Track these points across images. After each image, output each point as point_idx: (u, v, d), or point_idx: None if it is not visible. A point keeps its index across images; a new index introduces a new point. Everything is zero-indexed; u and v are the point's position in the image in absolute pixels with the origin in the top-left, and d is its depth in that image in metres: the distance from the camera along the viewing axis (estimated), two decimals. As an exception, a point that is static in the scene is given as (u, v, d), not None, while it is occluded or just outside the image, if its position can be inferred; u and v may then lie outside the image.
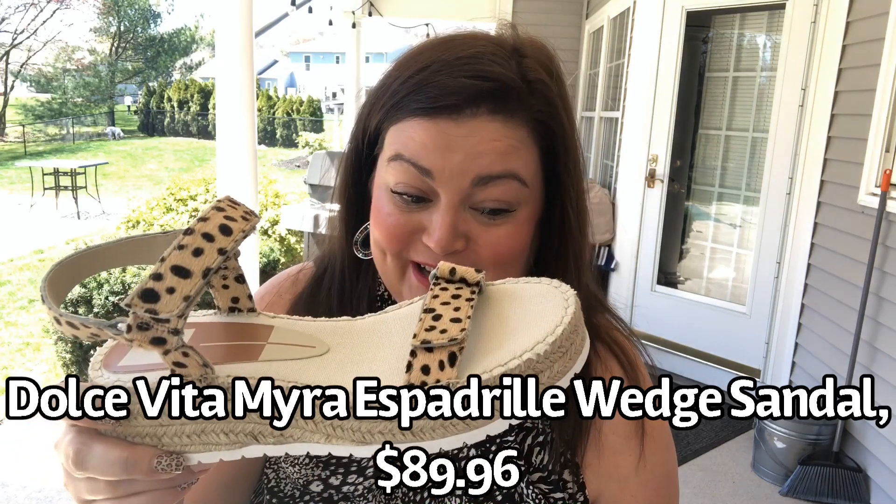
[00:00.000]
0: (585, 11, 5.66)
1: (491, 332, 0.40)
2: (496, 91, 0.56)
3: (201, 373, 0.38)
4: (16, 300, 5.84)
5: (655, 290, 4.01)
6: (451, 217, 0.57)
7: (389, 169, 0.59)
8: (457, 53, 0.58)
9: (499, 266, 0.59)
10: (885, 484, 2.52)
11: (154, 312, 0.35)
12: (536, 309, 0.40)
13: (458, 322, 0.38)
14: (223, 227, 0.39)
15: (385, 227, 0.59)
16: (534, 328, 0.39)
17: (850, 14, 2.89)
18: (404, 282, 0.62)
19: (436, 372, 0.37)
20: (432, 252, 0.57)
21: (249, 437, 0.39)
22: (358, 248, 0.67)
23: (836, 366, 2.88)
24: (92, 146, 21.32)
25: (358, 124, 0.65)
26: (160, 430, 0.40)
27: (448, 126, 0.56)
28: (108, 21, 30.87)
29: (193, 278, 0.36)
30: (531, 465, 0.65)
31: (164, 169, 16.64)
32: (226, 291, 0.46)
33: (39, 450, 3.01)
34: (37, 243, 8.04)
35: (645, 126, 3.92)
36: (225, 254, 0.37)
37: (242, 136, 2.75)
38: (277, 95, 25.26)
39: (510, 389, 0.37)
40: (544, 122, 0.59)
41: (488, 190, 0.57)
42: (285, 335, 0.43)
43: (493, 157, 0.56)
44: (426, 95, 0.56)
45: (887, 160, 2.59)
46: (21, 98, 28.50)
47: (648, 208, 3.98)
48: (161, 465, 0.40)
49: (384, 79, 0.62)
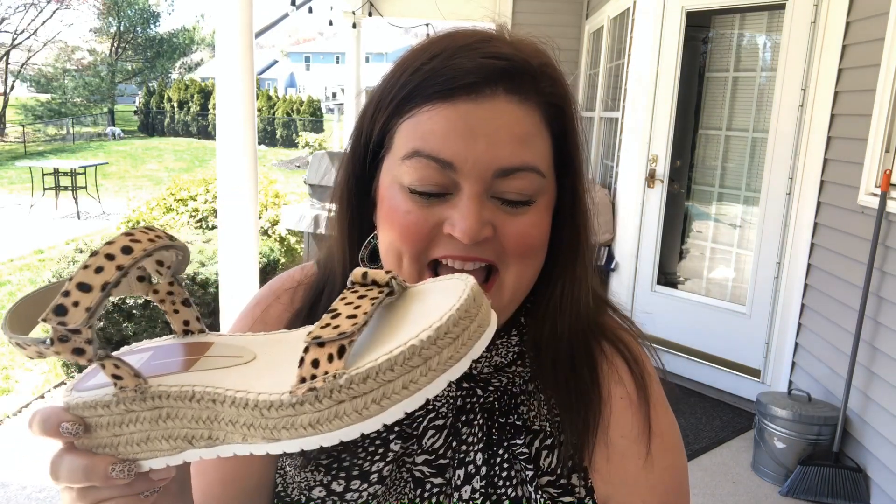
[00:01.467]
0: (585, 11, 5.66)
1: (391, 327, 0.41)
2: (511, 70, 0.56)
3: (136, 383, 0.43)
4: (16, 300, 5.83)
5: (655, 290, 4.01)
6: (477, 205, 0.56)
7: (404, 167, 0.57)
8: (467, 38, 0.58)
9: (525, 256, 0.59)
10: (885, 484, 2.52)
11: (64, 324, 0.40)
12: (435, 301, 0.42)
13: (353, 318, 0.40)
14: (125, 248, 0.43)
15: (405, 226, 0.58)
16: (425, 318, 0.40)
17: (850, 14, 2.89)
18: None
19: (324, 364, 0.38)
20: (457, 244, 0.57)
21: (185, 441, 0.43)
22: (366, 264, 0.65)
23: (836, 366, 2.88)
24: (92, 146, 21.32)
25: (359, 129, 0.63)
26: (115, 440, 0.45)
27: (468, 108, 0.55)
28: (108, 21, 30.87)
29: (94, 292, 0.40)
30: (539, 468, 0.64)
31: (164, 169, 16.63)
32: (177, 315, 0.51)
33: (39, 450, 3.01)
34: (37, 243, 8.04)
35: (645, 126, 3.92)
36: (123, 269, 0.41)
37: (242, 136, 2.75)
38: (277, 95, 25.27)
39: (399, 376, 0.38)
40: (556, 104, 0.59)
41: (509, 182, 0.56)
42: (221, 349, 0.48)
43: (513, 147, 0.56)
44: (443, 78, 0.56)
45: (887, 160, 2.59)
46: (21, 98, 28.49)
47: (648, 208, 3.98)
48: (115, 472, 0.44)
49: (388, 78, 0.61)
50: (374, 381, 0.38)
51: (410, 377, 0.38)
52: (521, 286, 0.61)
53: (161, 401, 0.43)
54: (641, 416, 0.66)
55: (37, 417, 0.45)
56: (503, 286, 0.59)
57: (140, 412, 0.44)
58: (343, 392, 0.38)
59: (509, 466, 0.64)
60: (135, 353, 0.50)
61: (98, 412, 0.45)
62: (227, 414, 0.41)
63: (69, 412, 0.46)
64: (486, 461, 0.64)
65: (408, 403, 0.38)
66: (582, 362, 0.66)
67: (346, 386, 0.38)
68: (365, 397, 0.38)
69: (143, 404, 0.44)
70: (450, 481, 0.64)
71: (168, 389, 0.43)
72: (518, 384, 0.67)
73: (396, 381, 0.38)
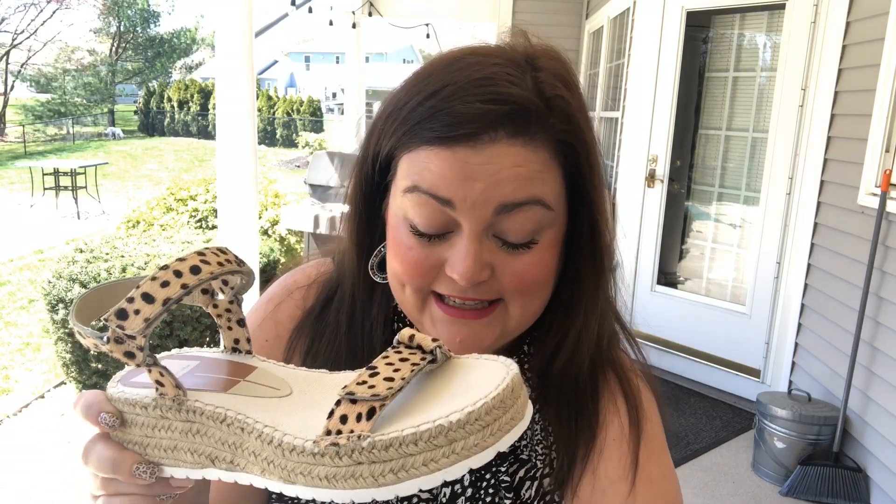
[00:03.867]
0: (585, 11, 5.66)
1: (426, 396, 0.41)
2: (514, 113, 0.53)
3: (175, 393, 0.45)
4: (16, 300, 5.83)
5: (655, 290, 4.01)
6: (475, 247, 0.54)
7: (406, 201, 0.56)
8: (469, 76, 0.54)
9: (526, 294, 0.57)
10: (885, 484, 2.52)
11: (122, 328, 0.42)
12: (475, 380, 0.41)
13: (391, 381, 0.40)
14: (193, 268, 0.44)
15: (406, 261, 0.57)
16: (460, 397, 0.39)
17: (850, 14, 2.89)
18: (425, 313, 0.60)
19: (352, 423, 0.39)
20: (457, 283, 0.56)
21: (208, 459, 0.44)
22: (375, 272, 0.64)
23: (836, 366, 2.88)
24: (92, 146, 21.32)
25: (367, 147, 0.61)
26: (145, 441, 0.47)
27: (466, 154, 0.53)
28: (108, 21, 30.87)
29: (155, 304, 0.42)
30: (519, 498, 0.64)
31: (164, 169, 16.64)
32: (230, 333, 0.52)
33: (38, 450, 3.01)
34: (37, 243, 8.04)
35: (645, 126, 3.92)
36: (188, 289, 0.43)
37: (242, 136, 2.75)
38: (277, 95, 25.27)
39: (421, 452, 0.37)
40: (566, 141, 0.56)
41: (512, 217, 0.54)
42: (262, 376, 0.49)
43: (517, 184, 0.53)
44: (440, 123, 0.53)
45: (887, 160, 2.59)
46: (21, 98, 28.49)
47: (648, 208, 3.98)
48: (139, 471, 0.46)
49: (393, 101, 0.59)
50: (396, 452, 0.38)
51: (432, 455, 0.37)
52: (527, 317, 0.60)
53: (194, 416, 0.45)
54: (630, 457, 0.64)
55: (81, 401, 0.47)
56: (508, 315, 0.59)
57: (173, 421, 0.45)
58: (363, 455, 0.38)
59: (494, 492, 0.64)
60: (182, 359, 0.51)
61: (136, 411, 0.46)
62: (252, 445, 0.42)
63: (111, 403, 0.47)
64: (473, 483, 0.64)
65: (424, 481, 0.38)
66: (587, 396, 0.65)
67: (368, 449, 0.38)
68: (384, 465, 0.38)
69: (177, 415, 0.45)
70: (436, 497, 0.64)
71: (203, 407, 0.44)
72: None
73: (417, 457, 0.37)
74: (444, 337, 0.58)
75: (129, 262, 3.83)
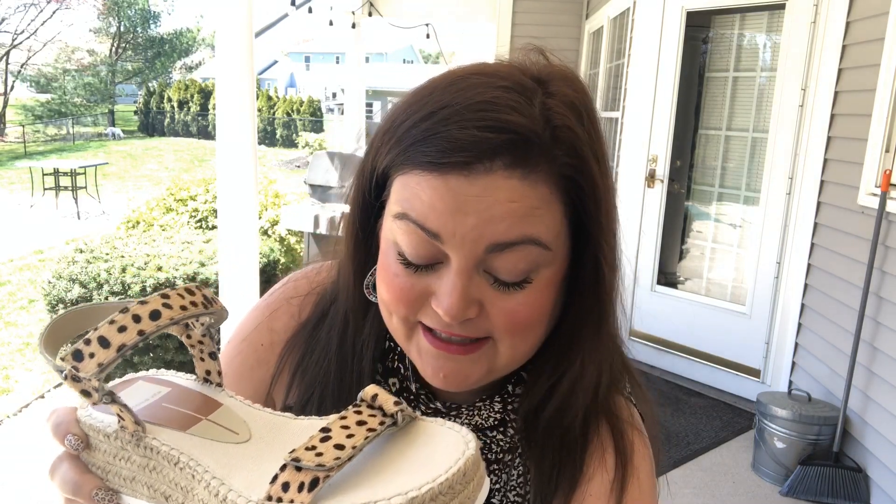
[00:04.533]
0: (585, 11, 5.66)
1: (378, 468, 0.39)
2: (513, 143, 0.49)
3: (134, 429, 0.44)
4: (16, 300, 5.83)
5: (655, 290, 4.01)
6: (463, 283, 0.51)
7: (395, 226, 0.53)
8: (469, 98, 0.50)
9: (516, 334, 0.54)
10: (885, 484, 2.52)
11: (77, 370, 0.41)
12: (429, 454, 0.39)
13: (341, 449, 0.38)
14: (153, 313, 0.44)
15: (392, 288, 0.55)
16: (411, 474, 0.37)
17: (850, 14, 2.89)
18: (412, 342, 0.57)
19: (293, 492, 0.37)
20: (442, 318, 0.53)
21: (163, 496, 0.44)
22: (370, 291, 0.62)
23: (836, 366, 2.88)
24: (92, 146, 21.32)
25: (365, 162, 0.59)
26: (107, 467, 0.47)
27: (459, 184, 0.49)
28: (108, 21, 30.88)
29: (110, 350, 0.42)
30: None
31: (164, 169, 16.63)
32: (202, 364, 0.52)
33: (38, 450, 3.01)
34: (37, 243, 8.04)
35: (645, 126, 3.92)
36: (144, 335, 0.43)
37: (242, 136, 2.75)
38: (277, 95, 25.27)
39: None
40: (570, 176, 0.52)
41: (504, 256, 0.51)
42: (225, 416, 0.48)
43: (511, 223, 0.50)
44: (434, 148, 0.50)
45: (887, 160, 2.59)
46: (21, 98, 28.50)
47: (648, 208, 3.98)
48: (98, 497, 0.45)
49: (392, 116, 0.55)
50: None
51: None
52: (517, 358, 0.57)
53: (150, 453, 0.45)
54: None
55: (53, 417, 0.47)
56: (497, 353, 0.56)
57: (132, 454, 0.45)
58: None
59: None
60: (155, 383, 0.51)
61: (99, 437, 0.46)
62: (200, 493, 0.42)
63: (79, 425, 0.47)
64: None
65: None
66: (575, 447, 0.61)
67: None
68: None
69: (136, 449, 0.45)
70: None
71: (159, 446, 0.44)
72: (495, 451, 0.63)
73: None
74: (428, 370, 0.56)
75: (129, 262, 3.83)
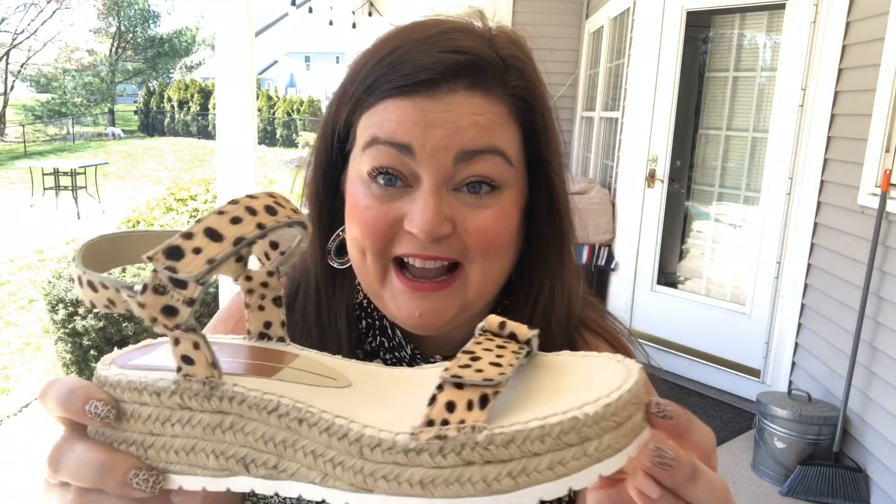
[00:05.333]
0: (585, 11, 5.66)
1: (534, 392, 0.33)
2: (472, 64, 0.54)
3: (208, 373, 0.34)
4: (16, 300, 5.83)
5: (655, 290, 4.01)
6: (435, 198, 0.53)
7: (364, 157, 0.55)
8: (427, 31, 0.56)
9: (487, 253, 0.56)
10: (885, 484, 2.52)
11: (174, 270, 0.32)
12: (591, 375, 0.34)
13: (499, 367, 0.33)
14: (269, 208, 0.35)
15: (364, 221, 0.56)
16: (585, 390, 0.32)
17: (850, 14, 2.89)
18: (386, 286, 0.57)
19: (462, 411, 0.31)
20: (418, 241, 0.54)
21: (240, 464, 0.34)
22: (332, 257, 0.63)
23: (836, 366, 2.88)
24: (92, 146, 21.32)
25: (326, 122, 0.61)
26: (149, 440, 0.36)
27: (425, 103, 0.53)
28: (108, 21, 30.88)
29: (224, 243, 0.33)
30: None
31: (164, 169, 16.63)
32: (260, 314, 0.42)
33: (38, 450, 3.01)
34: (37, 243, 8.04)
35: (645, 126, 3.92)
36: (264, 230, 0.34)
37: (242, 136, 2.75)
38: (277, 95, 25.27)
39: (547, 451, 0.30)
40: (524, 98, 0.57)
41: (472, 166, 0.54)
42: (309, 364, 0.39)
43: (476, 132, 0.53)
44: (399, 74, 0.54)
45: (887, 160, 2.59)
46: (21, 98, 28.49)
47: (648, 208, 3.98)
48: (136, 480, 0.35)
49: (351, 70, 0.59)
50: (518, 450, 0.30)
51: (560, 457, 0.30)
52: (488, 284, 0.58)
53: (231, 405, 0.35)
54: None
55: (54, 388, 0.36)
56: (468, 282, 0.57)
57: (196, 413, 0.35)
58: (476, 452, 0.30)
59: None
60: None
61: (142, 398, 0.36)
62: (313, 442, 0.33)
63: (103, 390, 0.36)
64: None
65: (547, 489, 0.30)
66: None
67: (484, 445, 0.30)
68: (500, 466, 0.30)
69: (205, 403, 0.35)
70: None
71: (246, 392, 0.34)
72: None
73: (543, 458, 0.30)
74: (404, 312, 0.57)
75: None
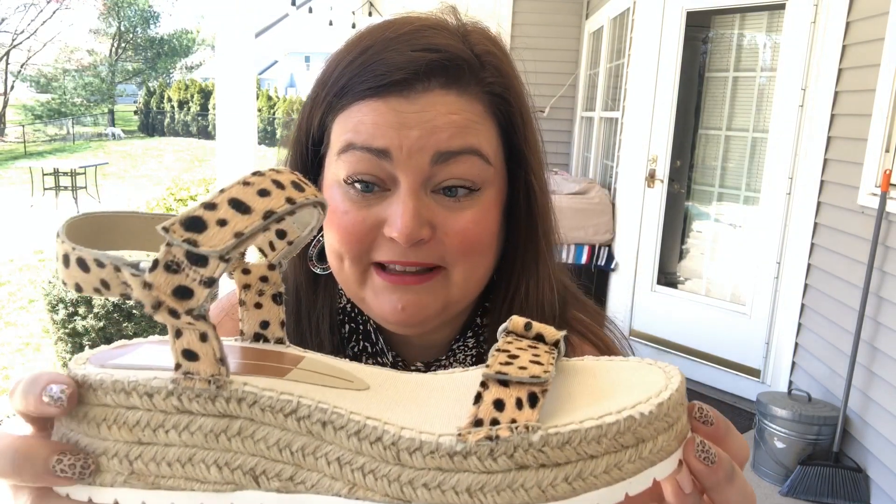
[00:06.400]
0: (585, 11, 5.66)
1: (574, 395, 0.31)
2: (446, 62, 0.53)
3: (214, 371, 0.29)
4: (16, 300, 5.83)
5: (655, 290, 4.01)
6: (414, 201, 0.52)
7: (340, 162, 0.54)
8: (399, 30, 0.54)
9: (468, 256, 0.55)
10: (885, 484, 2.52)
11: (194, 244, 0.27)
12: (629, 377, 0.32)
13: (540, 365, 0.30)
14: (295, 184, 0.31)
15: (341, 227, 0.54)
16: (629, 392, 0.30)
17: (850, 14, 2.89)
18: (366, 286, 0.56)
19: (511, 410, 0.28)
20: (397, 246, 0.52)
21: (248, 475, 0.30)
22: (314, 263, 0.61)
23: (836, 366, 2.88)
24: (92, 146, 21.32)
25: (300, 125, 0.60)
26: (135, 451, 0.30)
27: (399, 104, 0.52)
28: (108, 21, 30.88)
29: (252, 216, 0.28)
30: None
31: (164, 169, 16.63)
32: (256, 312, 0.36)
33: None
34: (37, 243, 8.04)
35: (645, 126, 3.92)
36: (294, 205, 0.30)
37: (242, 136, 2.75)
38: (277, 95, 25.27)
39: (604, 453, 0.28)
40: (500, 94, 0.56)
41: (449, 168, 0.52)
42: (319, 366, 0.35)
43: (452, 132, 0.52)
44: (371, 74, 0.52)
45: (887, 160, 2.59)
46: (21, 98, 28.49)
47: (648, 208, 3.98)
48: (61, 467, 0.29)
49: (323, 71, 0.58)
50: (574, 452, 0.27)
51: (616, 459, 0.28)
52: (470, 284, 0.57)
53: (240, 407, 0.30)
54: None
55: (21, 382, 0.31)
56: (451, 283, 0.56)
57: (198, 416, 0.30)
58: (531, 454, 0.27)
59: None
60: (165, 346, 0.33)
61: (131, 401, 0.30)
62: (339, 448, 0.29)
63: (67, 376, 0.31)
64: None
65: (603, 494, 0.28)
66: None
67: (539, 447, 0.27)
68: (555, 470, 0.27)
69: (208, 405, 0.30)
70: None
71: (259, 393, 0.30)
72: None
73: (600, 460, 0.28)
74: (386, 307, 0.55)
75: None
